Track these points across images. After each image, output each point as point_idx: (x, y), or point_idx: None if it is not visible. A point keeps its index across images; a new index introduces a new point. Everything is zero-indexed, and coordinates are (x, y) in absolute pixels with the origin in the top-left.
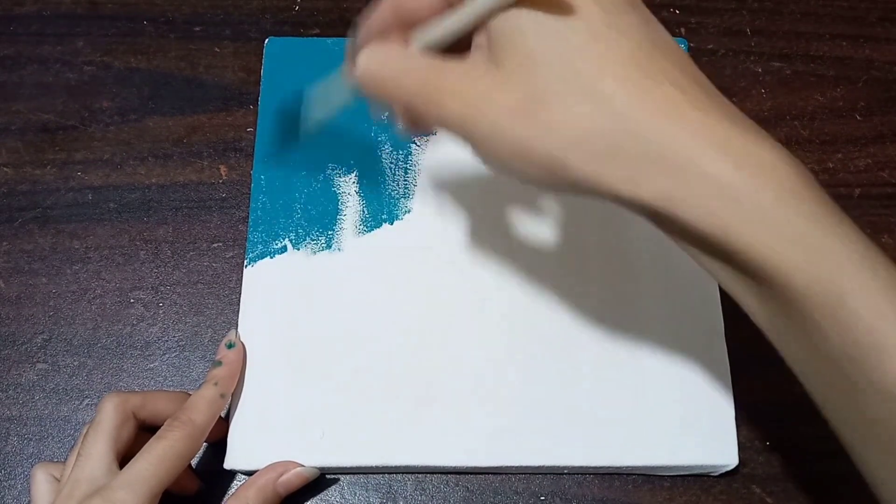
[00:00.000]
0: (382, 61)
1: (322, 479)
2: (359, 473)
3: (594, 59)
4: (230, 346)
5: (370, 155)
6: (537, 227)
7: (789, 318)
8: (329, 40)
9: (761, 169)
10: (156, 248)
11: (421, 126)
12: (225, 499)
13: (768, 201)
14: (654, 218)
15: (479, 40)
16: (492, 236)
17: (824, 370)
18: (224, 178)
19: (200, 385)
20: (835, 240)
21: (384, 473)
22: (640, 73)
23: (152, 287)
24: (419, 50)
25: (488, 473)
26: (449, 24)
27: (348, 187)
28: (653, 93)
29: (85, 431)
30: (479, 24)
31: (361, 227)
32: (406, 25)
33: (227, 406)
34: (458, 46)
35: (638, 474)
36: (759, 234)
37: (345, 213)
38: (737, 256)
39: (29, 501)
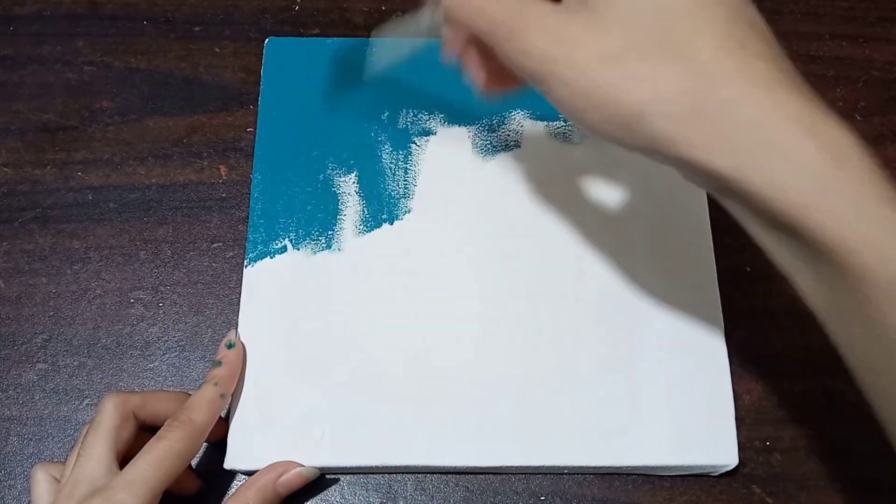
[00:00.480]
0: None
1: (322, 479)
2: (359, 473)
3: (693, 22)
4: (230, 346)
5: (370, 155)
6: (537, 228)
7: (852, 299)
8: (329, 40)
9: (843, 152)
10: (156, 248)
11: (495, 73)
12: (225, 499)
13: (848, 183)
14: (722, 189)
15: None
16: (491, 236)
17: (883, 355)
18: (224, 178)
19: (200, 385)
20: None
21: (384, 473)
22: (734, 44)
23: (152, 287)
24: None
25: (488, 473)
26: None
27: (348, 187)
28: (745, 64)
29: (85, 431)
30: None
31: (361, 227)
32: None
33: (227, 406)
34: None
35: (638, 474)
36: (836, 213)
37: (345, 213)
38: (807, 233)
39: (29, 501)
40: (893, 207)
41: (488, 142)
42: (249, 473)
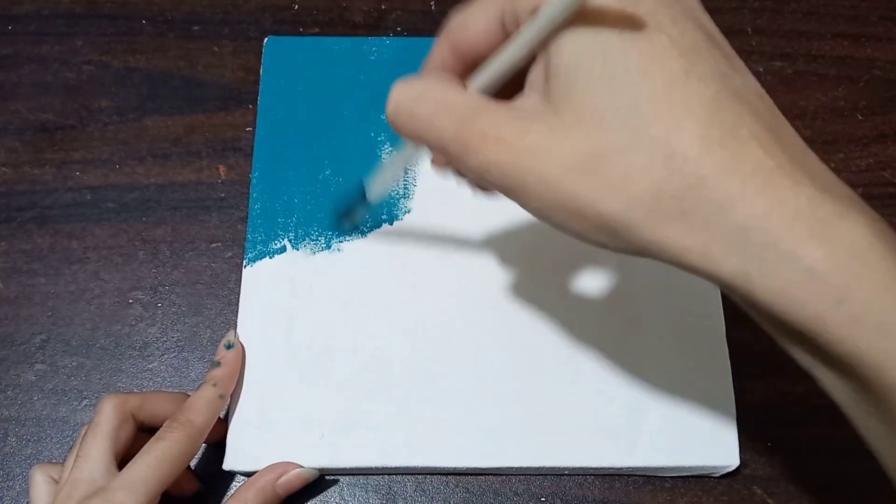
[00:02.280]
0: (417, 96)
1: (322, 480)
2: (359, 474)
3: (669, 109)
4: (229, 346)
5: (370, 155)
6: (538, 227)
7: (880, 408)
8: (329, 40)
9: (859, 255)
10: (154, 248)
11: (458, 172)
12: (224, 500)
13: (864, 293)
14: (730, 291)
15: (533, 77)
16: (492, 236)
17: None
18: (223, 177)
19: (199, 386)
20: None
21: (384, 474)
22: (721, 131)
23: (151, 287)
24: (474, 91)
25: (488, 474)
26: (504, 57)
27: (348, 187)
28: (737, 155)
29: (83, 432)
30: (536, 52)
31: (361, 227)
32: (467, 65)
33: (226, 407)
34: (512, 89)
35: (639, 475)
36: (854, 327)
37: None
38: (827, 347)
39: (27, 502)
40: None
41: None
42: (248, 474)
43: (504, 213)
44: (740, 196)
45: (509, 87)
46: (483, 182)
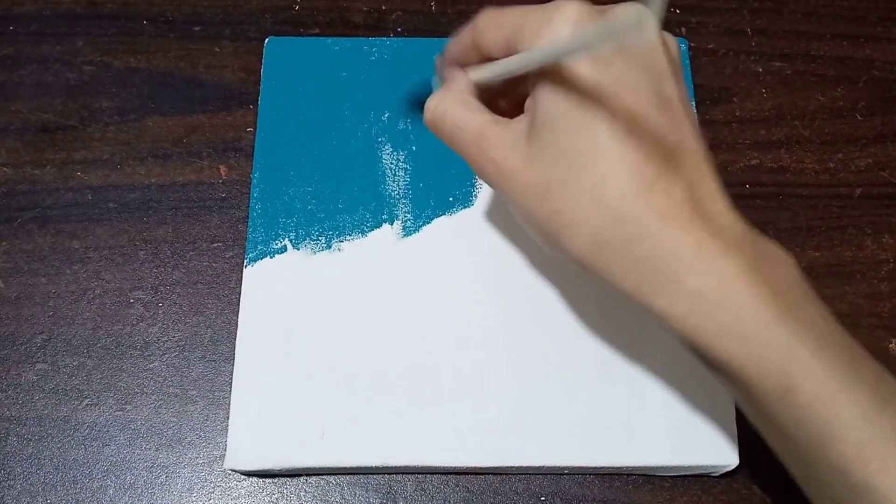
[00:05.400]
0: (441, 115)
1: (322, 480)
2: (359, 473)
3: (605, 162)
4: None
5: (370, 155)
6: None
7: (755, 408)
8: (329, 40)
9: (729, 280)
10: (155, 248)
11: None
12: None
13: (730, 310)
14: (638, 307)
15: (528, 104)
16: (492, 236)
17: (792, 451)
18: (224, 177)
19: None
20: (786, 337)
21: (384, 473)
22: (641, 182)
23: (152, 287)
24: (474, 83)
25: (488, 473)
26: (497, 68)
27: (348, 187)
28: (647, 202)
29: None
30: (527, 72)
31: (362, 227)
32: (480, 57)
33: None
34: (515, 95)
35: (638, 474)
36: (718, 341)
37: (345, 213)
38: (707, 356)
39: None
40: (771, 325)
41: None
42: (249, 474)
43: (505, 212)
44: (646, 235)
45: (509, 88)
46: (486, 184)
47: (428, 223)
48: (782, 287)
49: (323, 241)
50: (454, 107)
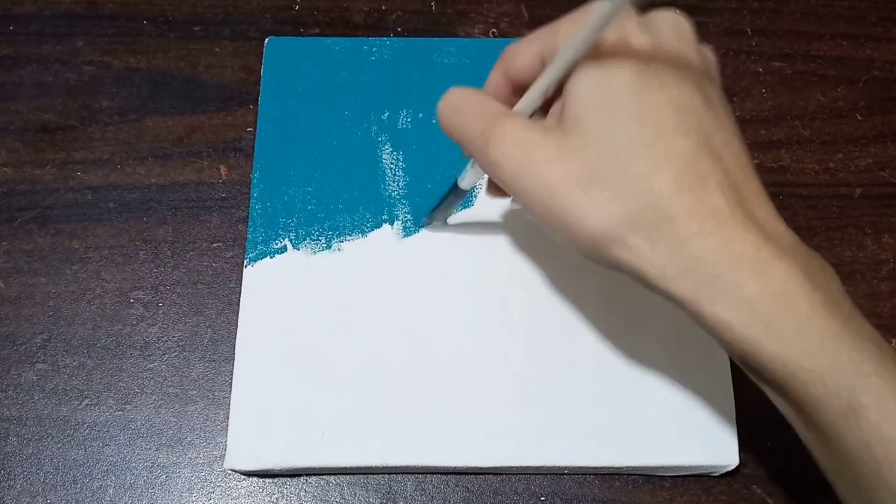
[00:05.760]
0: (464, 97)
1: (322, 480)
2: (359, 473)
3: (654, 154)
4: None
5: (370, 155)
6: (539, 230)
7: (813, 426)
8: (329, 40)
9: (788, 291)
10: (155, 248)
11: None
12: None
13: (789, 321)
14: (686, 311)
15: (555, 107)
16: (492, 239)
17: (847, 473)
18: (224, 177)
19: None
20: (850, 352)
21: (384, 473)
22: (691, 179)
23: (152, 287)
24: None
25: (488, 473)
26: (536, 86)
27: (348, 187)
28: (700, 200)
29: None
30: (562, 82)
31: (362, 227)
32: (517, 90)
33: None
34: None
35: (638, 474)
36: (779, 352)
37: (345, 213)
38: (761, 367)
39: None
40: (834, 339)
41: None
42: (249, 474)
43: (505, 212)
44: (698, 233)
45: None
46: (496, 178)
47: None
48: (836, 298)
49: (323, 241)
50: (480, 95)
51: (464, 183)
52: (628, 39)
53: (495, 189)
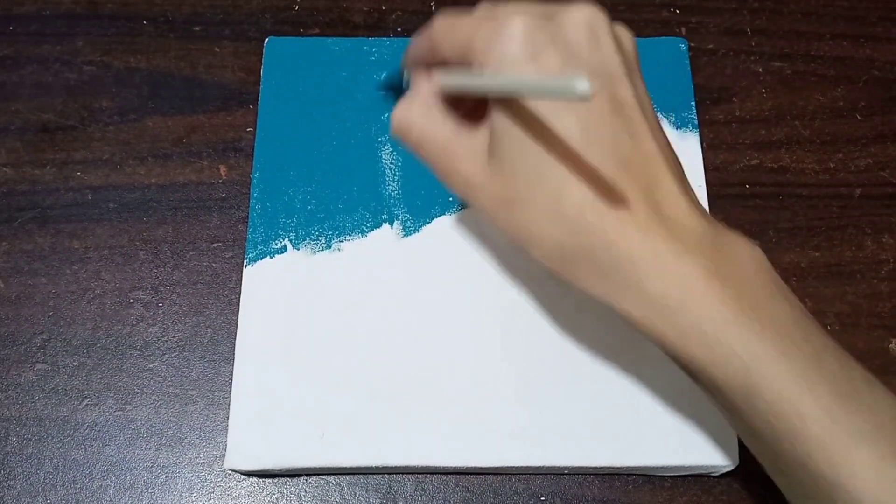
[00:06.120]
0: (410, 124)
1: (322, 480)
2: (359, 473)
3: (559, 177)
4: None
5: (370, 155)
6: None
7: (724, 407)
8: (329, 40)
9: (687, 284)
10: (155, 248)
11: None
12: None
13: (690, 313)
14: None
15: (488, 123)
16: (493, 237)
17: (766, 453)
18: (224, 178)
19: None
20: (746, 338)
21: (384, 473)
22: (596, 191)
23: (152, 287)
24: (439, 94)
25: (488, 473)
26: (457, 81)
27: (348, 187)
28: (604, 211)
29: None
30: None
31: (361, 227)
32: (438, 61)
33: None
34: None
35: (638, 474)
36: (681, 345)
37: (345, 213)
38: (675, 357)
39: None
40: (733, 325)
41: None
42: (249, 474)
43: None
44: (608, 243)
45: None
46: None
47: (428, 223)
48: (745, 286)
49: (323, 241)
50: (419, 118)
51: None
52: (539, 60)
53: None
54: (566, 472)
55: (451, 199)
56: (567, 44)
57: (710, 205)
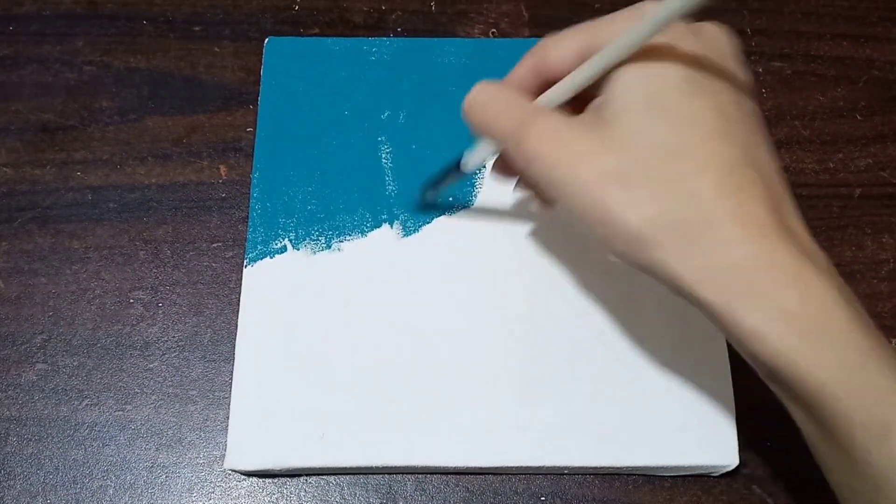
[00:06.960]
0: (493, 93)
1: (322, 480)
2: (359, 473)
3: (698, 157)
4: None
5: (370, 155)
6: (539, 229)
7: (838, 444)
8: (329, 40)
9: (825, 305)
10: (155, 248)
11: (513, 173)
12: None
13: (827, 335)
14: (714, 319)
15: (594, 104)
16: (493, 236)
17: (867, 492)
18: (224, 178)
19: None
20: (885, 371)
21: (384, 473)
22: (734, 184)
23: (152, 287)
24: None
25: (488, 473)
26: (568, 81)
27: (348, 187)
28: (742, 207)
29: None
30: (598, 78)
31: (361, 227)
32: (543, 85)
33: None
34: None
35: (638, 474)
36: (815, 366)
37: (345, 213)
38: (791, 379)
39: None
40: (865, 355)
41: None
42: (249, 474)
43: (506, 212)
44: (739, 239)
45: (571, 109)
46: (528, 172)
47: (428, 223)
48: (867, 318)
49: (323, 241)
50: (509, 90)
51: (467, 166)
52: (679, 43)
53: (501, 169)
54: (566, 472)
55: (451, 199)
56: (704, 40)
57: None
